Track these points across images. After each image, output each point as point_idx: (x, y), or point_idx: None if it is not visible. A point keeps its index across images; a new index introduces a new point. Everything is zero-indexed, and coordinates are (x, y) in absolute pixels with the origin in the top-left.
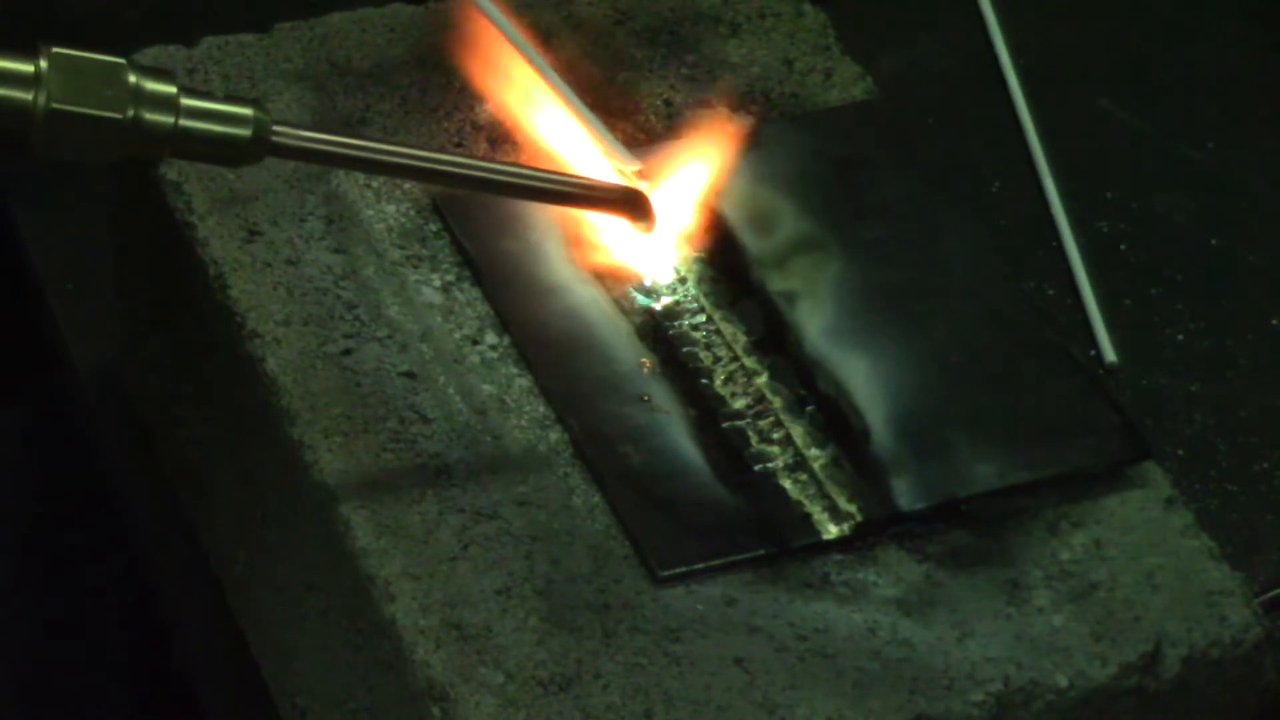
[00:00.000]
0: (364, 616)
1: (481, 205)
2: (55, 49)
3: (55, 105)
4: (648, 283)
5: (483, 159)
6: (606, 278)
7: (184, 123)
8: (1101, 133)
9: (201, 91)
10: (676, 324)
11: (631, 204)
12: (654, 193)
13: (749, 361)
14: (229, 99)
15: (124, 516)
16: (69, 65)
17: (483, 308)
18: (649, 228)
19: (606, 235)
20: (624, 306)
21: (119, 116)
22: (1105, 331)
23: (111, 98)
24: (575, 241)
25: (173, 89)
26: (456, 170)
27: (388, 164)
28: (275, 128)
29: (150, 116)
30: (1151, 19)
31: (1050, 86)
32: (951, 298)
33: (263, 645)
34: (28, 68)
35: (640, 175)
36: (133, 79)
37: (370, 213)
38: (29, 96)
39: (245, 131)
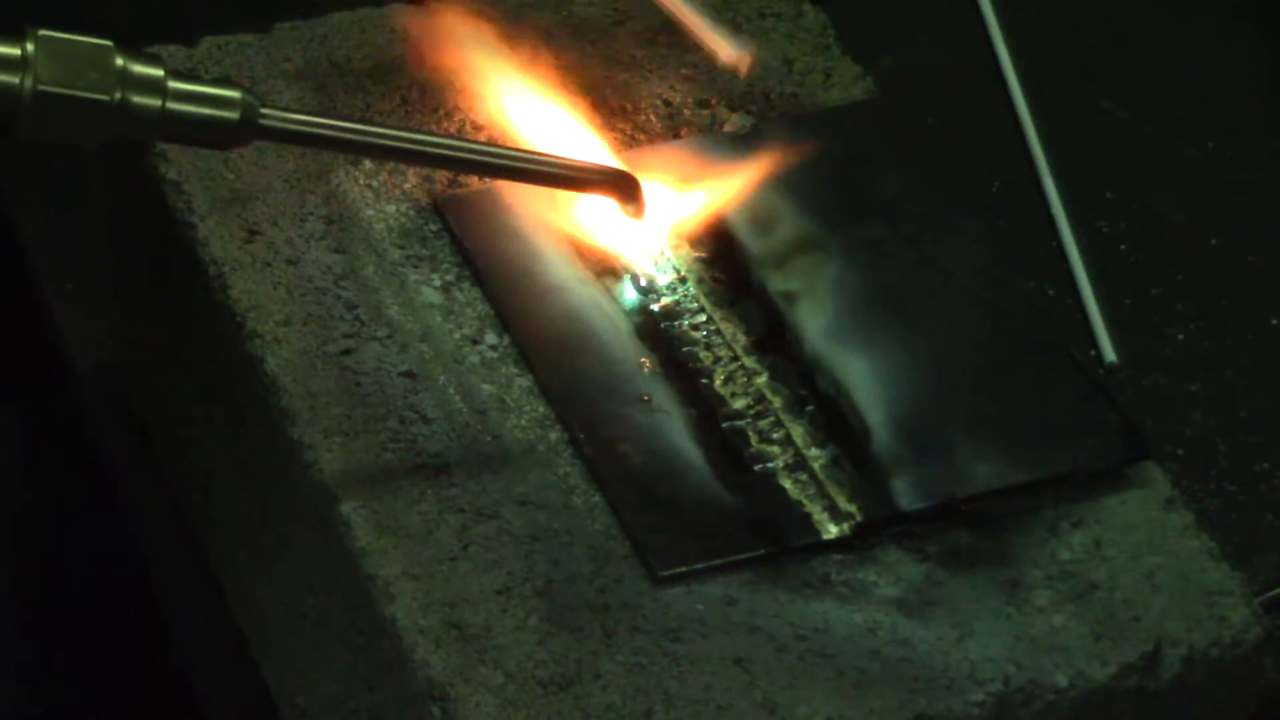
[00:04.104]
0: (364, 616)
1: (481, 205)
2: (42, 31)
3: (42, 88)
4: (646, 282)
5: (472, 141)
6: (607, 278)
7: (171, 105)
8: (1101, 133)
9: (189, 74)
10: (676, 324)
11: (621, 186)
12: (643, 178)
13: (749, 361)
14: (217, 82)
15: (124, 516)
16: (56, 48)
17: (483, 308)
18: (638, 212)
19: (606, 234)
20: (624, 306)
21: (106, 99)
22: (1105, 331)
23: (98, 80)
24: (575, 241)
25: (160, 72)
26: (446, 152)
27: (376, 146)
28: (263, 110)
29: (137, 99)
30: (1151, 19)
31: (1050, 86)
32: (951, 298)
33: (263, 645)
34: (14, 51)
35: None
36: (120, 61)
37: (370, 213)
38: (16, 79)
39: (233, 114)
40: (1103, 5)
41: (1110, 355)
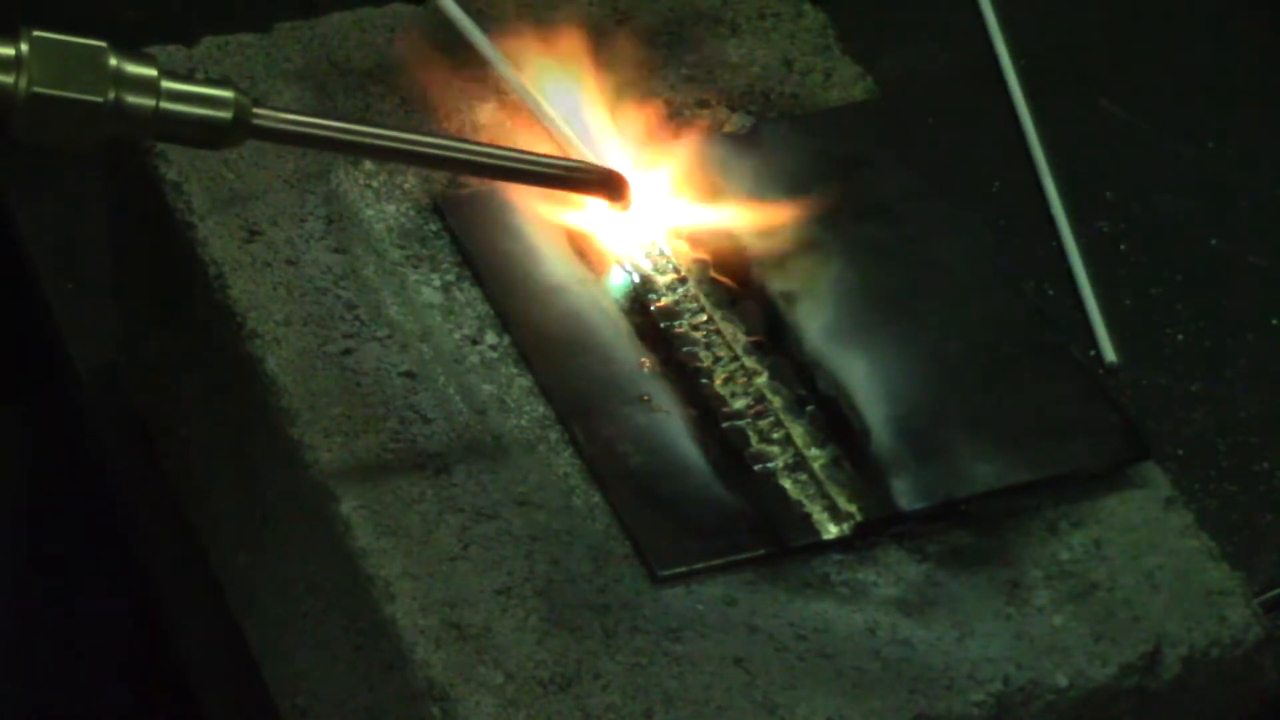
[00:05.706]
0: (364, 616)
1: (481, 205)
2: (36, 32)
3: (36, 89)
4: (646, 282)
5: (463, 141)
6: (606, 277)
7: (165, 105)
8: (1101, 133)
9: (182, 74)
10: (676, 324)
11: (609, 185)
12: (631, 176)
13: (749, 361)
14: (209, 82)
15: (124, 517)
16: (50, 49)
17: (483, 308)
18: (625, 206)
19: (605, 234)
20: (624, 306)
21: (99, 100)
22: (1105, 331)
23: (92, 81)
24: (575, 241)
25: (153, 72)
26: (436, 152)
27: (368, 146)
28: (255, 110)
29: (131, 99)
30: (1151, 19)
31: (1050, 86)
32: (951, 298)
33: (263, 645)
34: (9, 51)
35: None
36: (113, 62)
37: (370, 213)
38: (10, 80)
39: (226, 114)
40: (1103, 5)
41: (1110, 355)
